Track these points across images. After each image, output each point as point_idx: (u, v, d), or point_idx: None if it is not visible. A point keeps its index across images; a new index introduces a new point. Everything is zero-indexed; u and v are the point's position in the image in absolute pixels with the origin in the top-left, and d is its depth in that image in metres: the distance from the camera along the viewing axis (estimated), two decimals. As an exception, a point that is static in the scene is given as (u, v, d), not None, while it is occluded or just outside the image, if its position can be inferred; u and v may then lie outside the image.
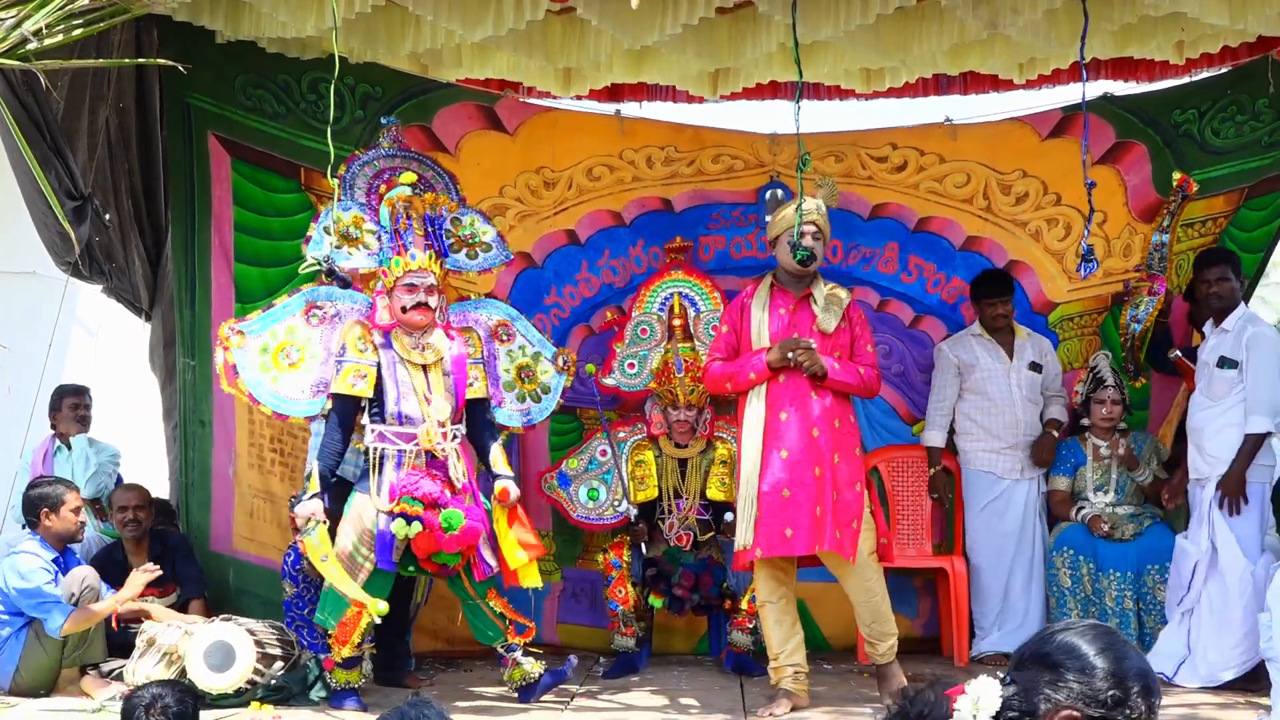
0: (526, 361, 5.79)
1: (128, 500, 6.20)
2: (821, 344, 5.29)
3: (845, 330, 5.38)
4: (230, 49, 6.28)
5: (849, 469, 5.23)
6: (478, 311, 5.79)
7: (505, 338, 5.78)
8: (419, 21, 5.91)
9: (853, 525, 5.18)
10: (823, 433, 5.20)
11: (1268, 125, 6.66)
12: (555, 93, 7.14)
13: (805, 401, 5.23)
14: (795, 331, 5.31)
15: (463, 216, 5.67)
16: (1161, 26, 6.14)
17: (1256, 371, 5.65)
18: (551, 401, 5.85)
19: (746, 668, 6.01)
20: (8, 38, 4.36)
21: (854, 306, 5.47)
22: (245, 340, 5.46)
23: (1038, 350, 6.44)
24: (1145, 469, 6.23)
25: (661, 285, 6.50)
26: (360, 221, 5.49)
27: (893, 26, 5.90)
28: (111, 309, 7.19)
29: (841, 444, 5.24)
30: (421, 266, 5.36)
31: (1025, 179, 6.77)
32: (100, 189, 6.10)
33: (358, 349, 5.33)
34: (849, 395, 5.38)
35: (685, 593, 6.04)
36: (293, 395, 5.47)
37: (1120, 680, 1.92)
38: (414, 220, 5.46)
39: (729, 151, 6.81)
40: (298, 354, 5.48)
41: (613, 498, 6.35)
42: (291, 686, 5.36)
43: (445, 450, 5.29)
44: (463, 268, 5.71)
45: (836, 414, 5.26)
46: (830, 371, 5.24)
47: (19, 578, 5.43)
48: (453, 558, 5.18)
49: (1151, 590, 5.99)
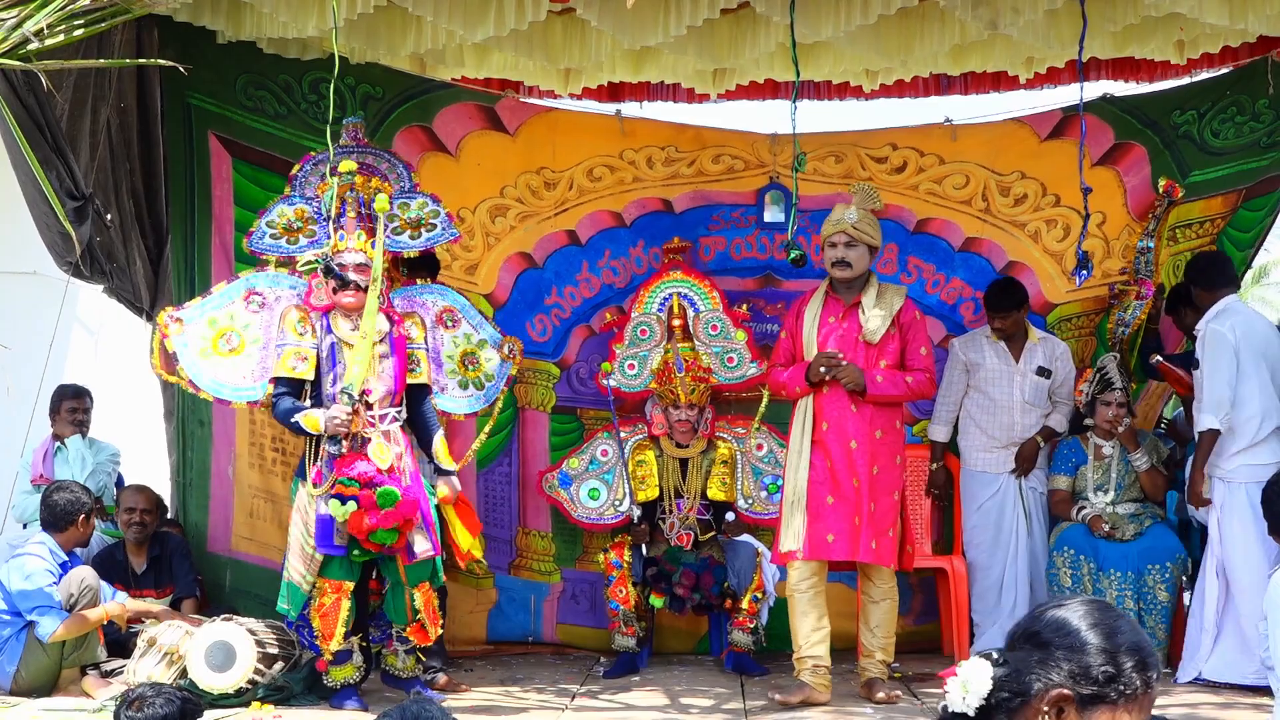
0: (471, 348, 5.65)
1: (135, 502, 6.21)
2: (867, 354, 5.32)
3: (895, 336, 5.37)
4: (231, 49, 6.29)
5: (888, 478, 5.31)
6: (423, 296, 5.67)
7: (450, 324, 5.65)
8: (419, 22, 5.92)
9: (889, 534, 5.27)
10: (861, 444, 5.26)
11: (1267, 126, 6.67)
12: (556, 90, 7.14)
13: (844, 414, 5.29)
14: (842, 341, 5.34)
15: (411, 200, 5.57)
16: (1162, 26, 6.15)
17: (1204, 369, 5.70)
18: (495, 390, 5.68)
19: (747, 668, 6.02)
20: (9, 38, 4.36)
21: (906, 309, 5.43)
22: (184, 328, 5.42)
23: (1049, 354, 6.38)
24: (1144, 455, 6.23)
25: (660, 286, 6.51)
26: (303, 213, 5.48)
27: (893, 27, 5.91)
28: (112, 309, 7.20)
29: (881, 454, 5.30)
30: (354, 248, 5.32)
31: (1024, 180, 6.77)
32: (101, 189, 6.10)
33: (297, 332, 5.32)
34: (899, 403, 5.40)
35: (686, 592, 6.05)
36: (233, 381, 5.40)
37: (1112, 655, 1.85)
38: (348, 204, 5.41)
39: (729, 152, 6.81)
40: (238, 340, 5.43)
41: (613, 497, 6.35)
42: (292, 686, 5.36)
43: (371, 433, 5.21)
44: (404, 248, 5.54)
45: (879, 424, 5.32)
46: (871, 385, 5.27)
47: (22, 578, 5.44)
48: (390, 535, 5.10)
49: (1152, 590, 5.99)
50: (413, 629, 5.30)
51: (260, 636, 5.32)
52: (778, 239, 6.74)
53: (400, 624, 5.32)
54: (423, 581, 5.29)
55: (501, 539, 6.71)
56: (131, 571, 6.16)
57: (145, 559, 6.23)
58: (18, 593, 5.43)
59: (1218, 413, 5.63)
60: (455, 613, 6.35)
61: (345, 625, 5.21)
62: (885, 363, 5.33)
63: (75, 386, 6.99)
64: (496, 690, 5.67)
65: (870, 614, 5.40)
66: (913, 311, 5.45)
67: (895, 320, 5.36)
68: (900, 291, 5.47)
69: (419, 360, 5.45)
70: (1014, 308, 6.33)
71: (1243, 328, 5.72)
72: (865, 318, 5.33)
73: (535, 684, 5.82)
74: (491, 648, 6.65)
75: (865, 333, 5.32)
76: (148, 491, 6.32)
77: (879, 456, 5.30)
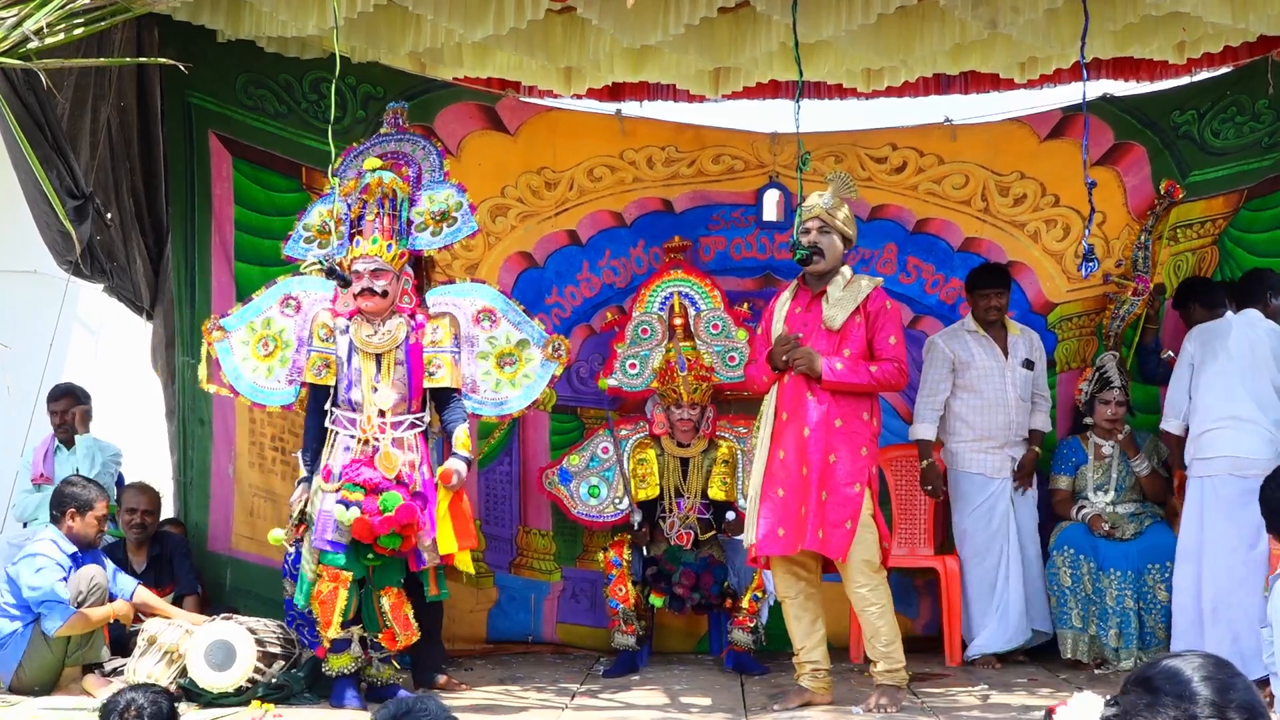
0: (510, 349, 5.58)
1: (138, 503, 6.21)
2: (828, 340, 5.16)
3: (862, 325, 5.18)
4: (231, 48, 6.29)
5: (847, 469, 5.07)
6: (459, 297, 5.64)
7: (489, 324, 5.60)
8: (420, 21, 5.93)
9: (845, 525, 5.05)
10: (815, 432, 5.10)
11: (1267, 126, 6.67)
12: (556, 90, 7.15)
13: (801, 401, 5.14)
14: (804, 328, 5.21)
15: (438, 192, 5.56)
16: (1162, 26, 6.15)
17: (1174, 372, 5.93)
18: (534, 390, 5.59)
19: (747, 667, 6.02)
20: (9, 37, 4.36)
21: (874, 298, 5.19)
22: (226, 335, 5.54)
23: (1029, 345, 6.38)
24: (1144, 460, 6.24)
25: (661, 285, 6.51)
26: (334, 213, 5.47)
27: (893, 26, 5.91)
28: (112, 308, 7.20)
29: (839, 443, 5.10)
30: (368, 253, 5.31)
31: (1024, 180, 6.78)
32: (101, 188, 6.10)
33: (320, 337, 5.37)
34: (864, 393, 5.18)
35: (686, 592, 6.05)
36: (269, 386, 5.51)
37: (1220, 710, 1.84)
38: (369, 204, 5.41)
39: (730, 151, 6.81)
40: (274, 344, 5.52)
41: (613, 495, 6.35)
42: (292, 685, 5.36)
43: (380, 441, 5.23)
44: (426, 245, 5.54)
45: (838, 413, 5.12)
46: (827, 371, 5.11)
47: (31, 573, 5.43)
48: (393, 539, 5.11)
49: (1152, 589, 6.00)
50: (384, 635, 5.27)
51: (260, 635, 5.32)
52: (778, 238, 6.75)
53: (372, 630, 5.30)
54: (388, 585, 5.26)
55: (502, 538, 6.72)
56: (131, 570, 6.16)
57: (145, 558, 6.24)
58: (28, 587, 5.42)
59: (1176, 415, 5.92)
60: (455, 612, 6.35)
61: (344, 615, 5.20)
62: (849, 351, 5.15)
63: (61, 387, 6.90)
64: (496, 689, 5.67)
65: (862, 621, 5.24)
66: (881, 300, 5.23)
67: (862, 309, 5.18)
68: (873, 282, 5.27)
69: (441, 364, 5.40)
70: (1004, 285, 6.32)
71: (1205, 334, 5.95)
72: (827, 304, 5.20)
73: (535, 683, 5.82)
74: (491, 647, 6.65)
75: (825, 318, 5.17)
76: (150, 492, 6.32)
77: (836, 446, 5.08)
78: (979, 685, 5.66)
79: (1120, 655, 6.02)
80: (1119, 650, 6.02)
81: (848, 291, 5.20)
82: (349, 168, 5.58)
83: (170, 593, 6.16)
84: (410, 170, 5.59)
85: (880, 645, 5.13)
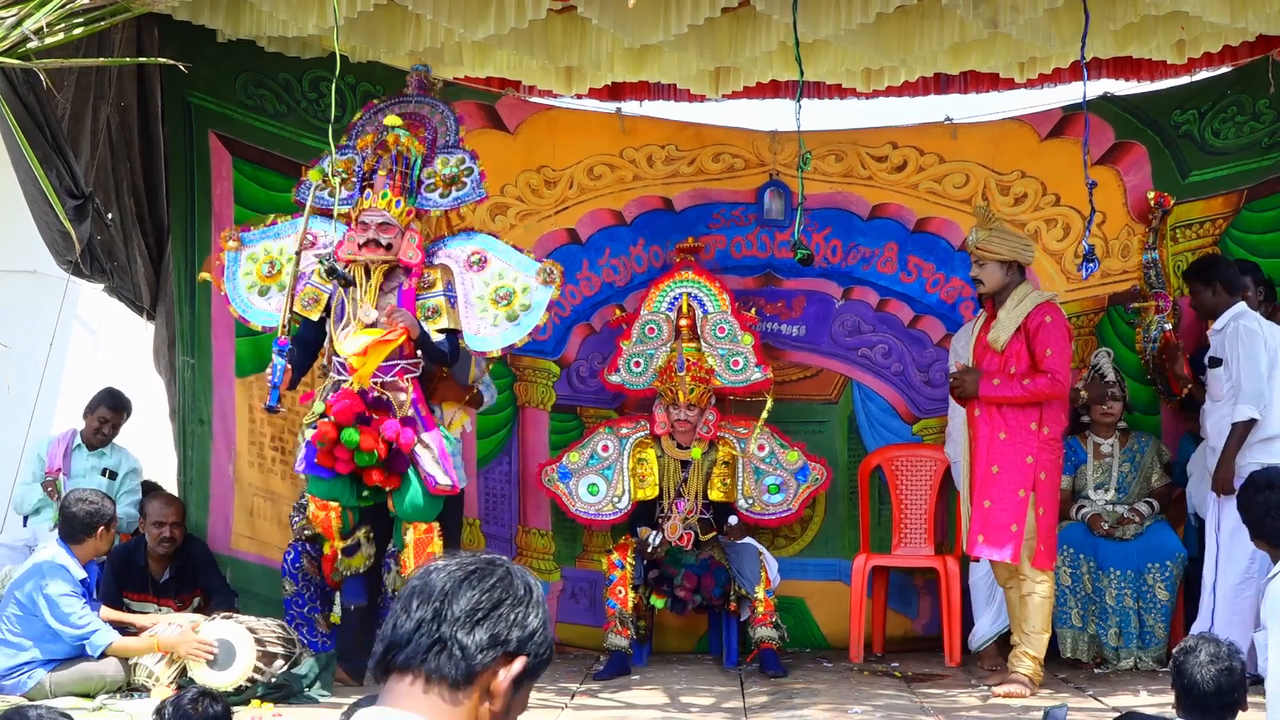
0: (505, 284, 5.55)
1: (165, 516, 6.08)
2: (999, 360, 5.47)
3: (1023, 341, 5.47)
4: (231, 48, 6.29)
5: (1009, 477, 5.41)
6: (450, 246, 5.64)
7: (479, 266, 5.58)
8: (420, 20, 5.92)
9: (1010, 529, 5.38)
10: (981, 446, 5.48)
11: (1268, 126, 6.66)
12: (557, 90, 7.15)
13: (971, 418, 5.57)
14: (983, 350, 5.56)
15: (451, 155, 5.62)
16: (1162, 26, 6.14)
17: (1240, 364, 5.74)
18: (532, 319, 5.52)
19: (772, 666, 5.90)
20: (8, 36, 4.36)
21: (1035, 314, 5.45)
22: (240, 247, 5.69)
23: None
24: (1153, 473, 6.27)
25: (671, 285, 6.51)
26: (350, 165, 5.56)
27: (893, 25, 5.91)
28: (113, 308, 7.19)
29: (1003, 455, 5.43)
30: (376, 206, 5.39)
31: (1024, 179, 6.78)
32: (101, 188, 6.10)
33: (320, 275, 5.42)
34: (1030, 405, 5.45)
35: (688, 594, 6.05)
36: (260, 305, 5.63)
37: None
38: (383, 160, 5.47)
39: (730, 150, 6.81)
40: (277, 268, 5.62)
41: (612, 493, 6.35)
42: (292, 684, 5.36)
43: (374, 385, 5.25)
44: (433, 206, 5.59)
45: (1001, 426, 5.45)
46: (984, 388, 5.44)
47: (50, 605, 5.23)
48: (367, 456, 5.14)
49: (1152, 589, 6.00)
50: (403, 566, 5.32)
51: (260, 635, 5.32)
52: (778, 237, 6.75)
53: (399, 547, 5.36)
54: (415, 520, 5.31)
55: (501, 538, 6.72)
56: (151, 578, 6.06)
57: (168, 568, 6.11)
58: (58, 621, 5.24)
59: (1258, 402, 5.69)
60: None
61: (341, 535, 5.31)
62: (1014, 368, 5.45)
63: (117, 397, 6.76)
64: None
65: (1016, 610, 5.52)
66: (1041, 315, 5.46)
67: (1024, 325, 5.45)
68: (1038, 298, 5.52)
69: (436, 307, 5.44)
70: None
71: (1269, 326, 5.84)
72: (995, 325, 5.52)
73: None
74: (491, 646, 6.63)
75: (988, 340, 5.52)
76: (176, 502, 6.25)
77: (999, 457, 5.43)
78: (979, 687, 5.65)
79: (1120, 654, 6.02)
80: (1119, 649, 6.02)
81: (1014, 311, 5.49)
82: (368, 122, 5.66)
83: (191, 602, 6.08)
84: (426, 133, 5.64)
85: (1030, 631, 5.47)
